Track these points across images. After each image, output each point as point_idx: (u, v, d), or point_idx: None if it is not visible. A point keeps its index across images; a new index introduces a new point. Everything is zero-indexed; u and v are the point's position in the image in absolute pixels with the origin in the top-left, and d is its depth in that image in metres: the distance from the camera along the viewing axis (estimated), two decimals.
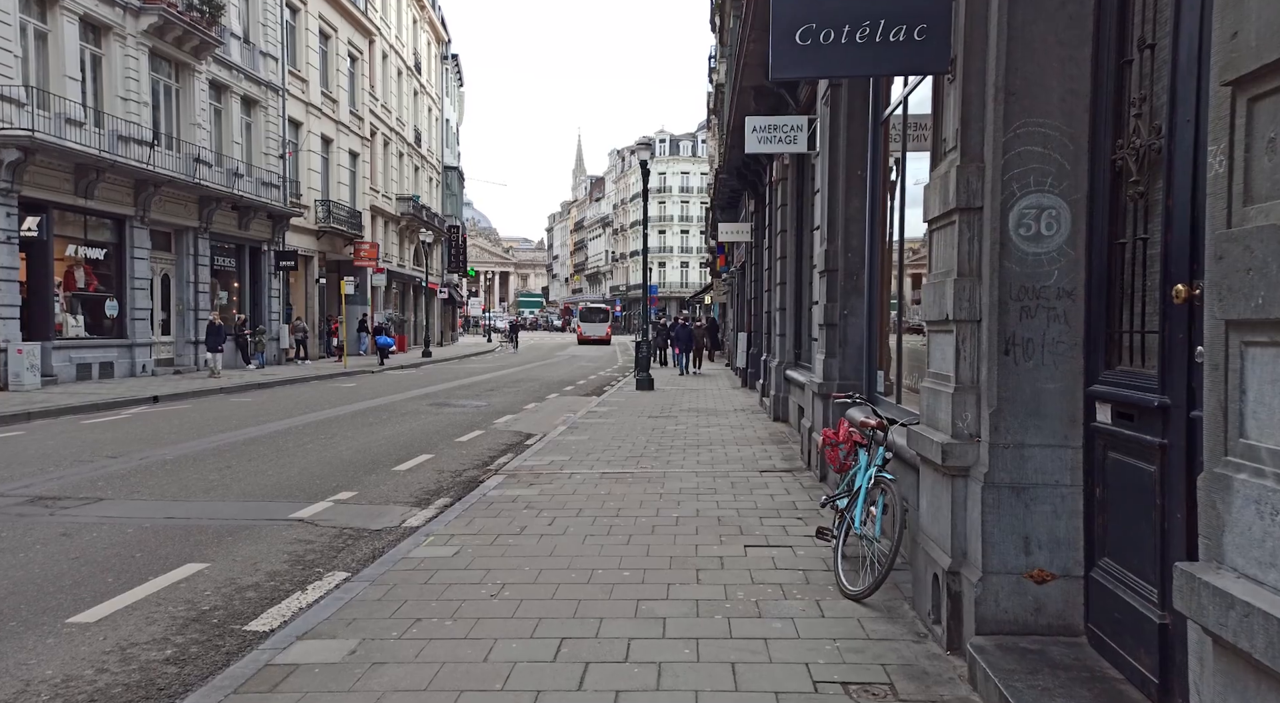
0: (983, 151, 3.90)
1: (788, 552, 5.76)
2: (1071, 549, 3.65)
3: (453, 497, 8.18)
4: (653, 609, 4.60)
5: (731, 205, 25.78)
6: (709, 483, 8.32)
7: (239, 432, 12.49)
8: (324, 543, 6.43)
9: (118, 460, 9.83)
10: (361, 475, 9.22)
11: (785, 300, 13.18)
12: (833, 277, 8.25)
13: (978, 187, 3.89)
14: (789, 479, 8.52)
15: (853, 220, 8.12)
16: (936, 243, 4.33)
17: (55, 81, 19.10)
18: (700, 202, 79.69)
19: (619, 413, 14.67)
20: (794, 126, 9.49)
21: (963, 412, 3.93)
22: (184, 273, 24.41)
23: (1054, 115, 3.67)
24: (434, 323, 48.79)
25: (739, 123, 15.10)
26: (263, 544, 6.36)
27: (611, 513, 6.97)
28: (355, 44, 36.03)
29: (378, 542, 6.50)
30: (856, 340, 8.13)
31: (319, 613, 4.59)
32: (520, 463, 9.50)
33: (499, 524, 6.59)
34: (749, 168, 18.06)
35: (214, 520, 7.04)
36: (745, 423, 13.44)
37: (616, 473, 8.83)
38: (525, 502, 7.42)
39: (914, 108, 6.30)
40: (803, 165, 12.57)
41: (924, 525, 4.40)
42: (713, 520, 6.71)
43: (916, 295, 6.35)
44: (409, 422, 14.04)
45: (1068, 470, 3.67)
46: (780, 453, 10.29)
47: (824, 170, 8.53)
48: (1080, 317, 3.67)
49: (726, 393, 19.13)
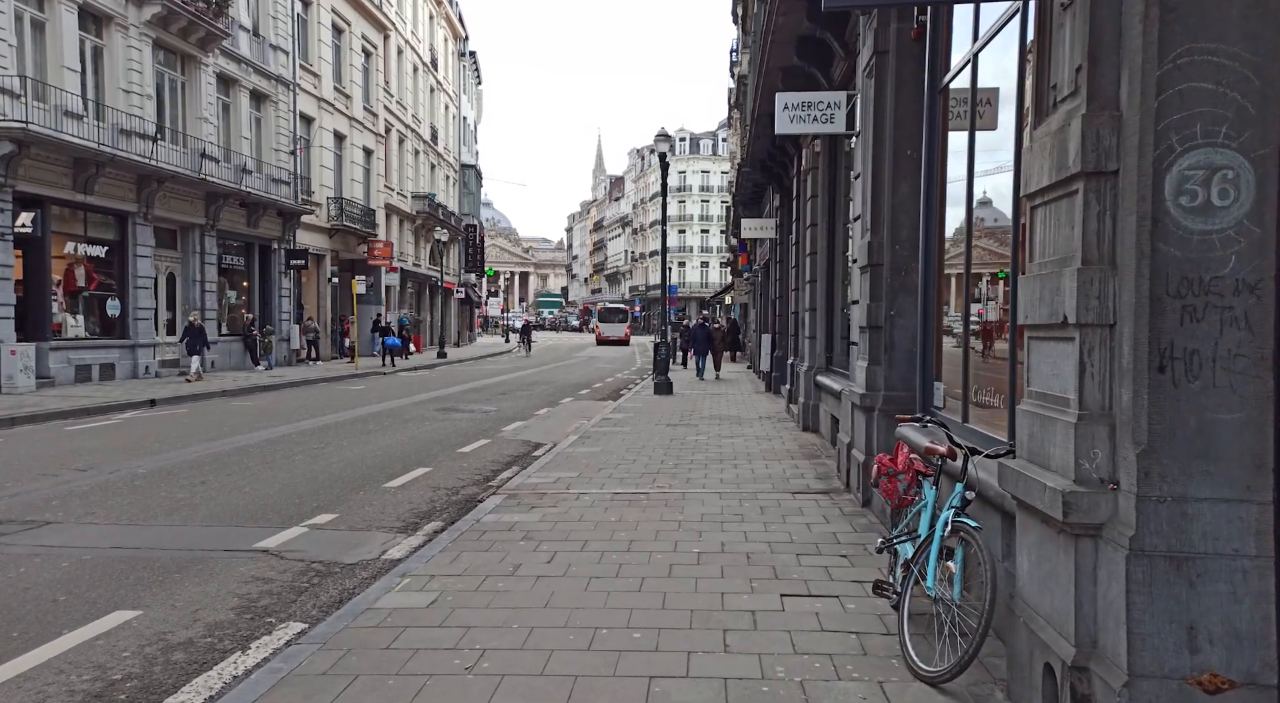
0: (1119, 94, 2.86)
1: (834, 605, 4.73)
2: (1258, 646, 2.60)
3: (445, 520, 7.22)
4: (669, 695, 3.59)
5: (755, 201, 24.73)
6: (734, 507, 7.30)
7: (228, 440, 11.64)
8: (285, 583, 5.48)
9: (85, 475, 8.97)
10: (348, 493, 8.29)
11: (816, 300, 12.12)
12: (877, 272, 7.21)
13: (1111, 143, 2.85)
14: (826, 503, 7.49)
15: (901, 208, 7.07)
16: (1042, 222, 3.29)
17: (53, 72, 18.41)
18: (721, 201, 78.61)
19: (635, 420, 13.68)
20: (831, 104, 8.44)
21: (1090, 448, 2.90)
22: (190, 272, 23.71)
23: (1232, 38, 2.64)
24: (450, 323, 48.07)
25: (764, 111, 14.06)
26: (213, 584, 5.42)
27: (622, 546, 5.97)
28: (369, 39, 35.30)
29: (348, 581, 5.55)
30: (906, 345, 7.09)
31: (245, 693, 3.63)
32: (523, 480, 8.53)
33: (489, 561, 5.61)
34: (774, 160, 17.00)
35: (165, 551, 6.12)
36: (772, 433, 12.39)
37: (630, 494, 7.83)
38: (523, 531, 6.44)
39: (984, 78, 5.26)
40: (835, 152, 11.52)
41: (1026, 593, 3.37)
42: (740, 558, 5.69)
43: (975, 293, 5.32)
44: (411, 429, 13.13)
45: (1251, 536, 2.63)
46: (813, 469, 9.24)
47: (866, 152, 7.49)
48: (1270, 320, 2.63)
49: (750, 398, 18.08)
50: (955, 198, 6.11)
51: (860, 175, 7.77)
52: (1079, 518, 2.86)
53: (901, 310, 7.09)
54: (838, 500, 7.60)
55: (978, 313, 5.62)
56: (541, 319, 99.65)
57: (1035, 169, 3.29)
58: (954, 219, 6.18)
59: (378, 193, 36.27)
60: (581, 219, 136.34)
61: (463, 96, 52.86)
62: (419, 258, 42.68)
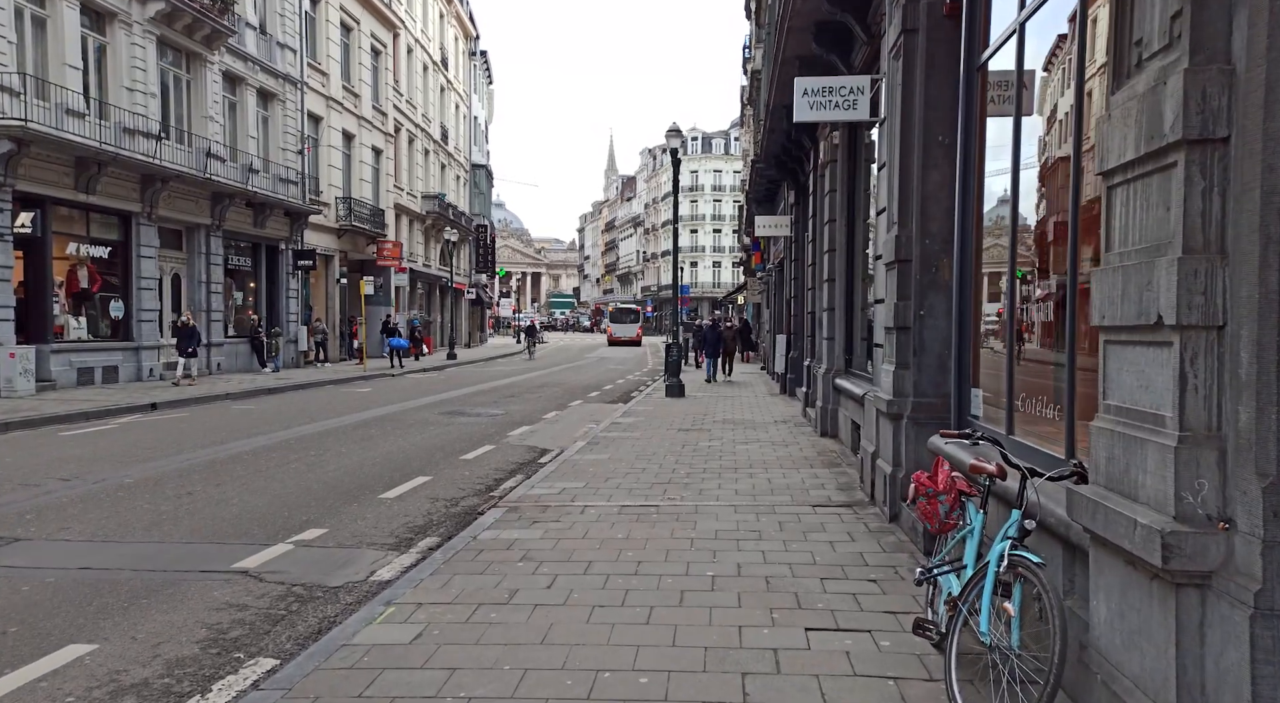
0: (1230, 45, 2.33)
1: (866, 642, 4.20)
2: None
3: (441, 536, 6.75)
4: None
5: (769, 199, 24.17)
6: (751, 522, 6.78)
7: (223, 447, 11.21)
8: (260, 610, 5.01)
9: (68, 485, 8.56)
10: (341, 505, 7.83)
11: (834, 299, 11.57)
12: (904, 268, 6.67)
13: (1221, 103, 2.32)
14: (850, 518, 6.95)
15: (932, 199, 6.53)
16: (1124, 204, 2.76)
17: (55, 70, 18.09)
18: (733, 200, 77.95)
19: (646, 425, 13.17)
20: (854, 89, 7.89)
21: (1192, 478, 2.37)
22: (195, 272, 23.39)
23: None
24: (462, 324, 47.72)
25: (780, 102, 13.52)
26: (182, 611, 4.96)
27: (629, 569, 5.46)
28: (378, 37, 34.95)
29: (329, 608, 5.07)
30: (937, 347, 6.55)
31: None
32: (527, 491, 8.04)
33: (483, 586, 5.12)
34: (789, 155, 16.44)
35: (136, 573, 5.67)
36: (788, 438, 11.85)
37: (638, 507, 7.33)
38: (523, 550, 5.94)
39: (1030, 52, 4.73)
40: (855, 144, 10.97)
41: (1105, 647, 2.84)
42: (759, 583, 5.18)
43: (1023, 291, 4.75)
44: (414, 434, 12.67)
45: None
46: (834, 479, 8.71)
47: (893, 140, 6.95)
48: None
49: (764, 401, 17.53)
50: (995, 186, 5.58)
51: (885, 165, 7.24)
52: (1182, 565, 2.34)
53: (932, 309, 6.55)
54: (862, 514, 7.06)
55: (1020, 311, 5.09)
56: (553, 320, 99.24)
57: (1115, 141, 2.76)
58: (992, 210, 5.65)
59: (387, 193, 35.92)
60: (593, 219, 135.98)
61: (473, 96, 52.53)
62: (429, 258, 42.34)
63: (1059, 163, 4.40)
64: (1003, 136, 5.24)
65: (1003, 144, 5.21)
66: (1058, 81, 4.51)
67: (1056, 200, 4.41)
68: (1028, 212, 4.94)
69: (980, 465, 3.82)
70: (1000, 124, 5.50)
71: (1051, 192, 4.56)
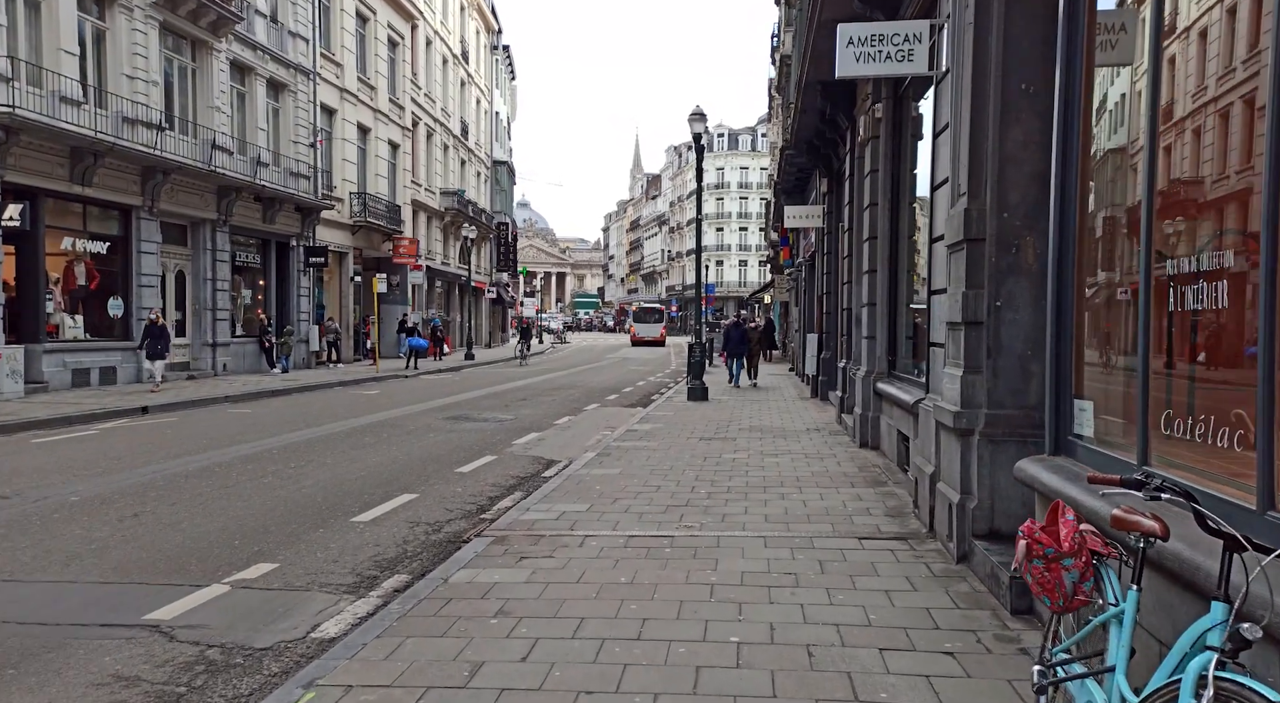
0: None
1: None
2: None
3: (411, 573, 5.62)
4: None
5: (798, 189, 22.84)
6: (785, 561, 5.55)
7: (199, 457, 10.18)
8: (153, 689, 3.87)
9: (4, 504, 7.54)
10: (305, 531, 6.72)
11: (875, 293, 10.29)
12: (975, 250, 5.41)
13: None
14: (906, 556, 5.69)
15: (1011, 162, 5.27)
16: None
17: (49, 56, 17.25)
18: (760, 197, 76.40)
19: (665, 433, 11.95)
20: (909, 36, 6.59)
21: None
22: (201, 269, 22.54)
23: None
24: (481, 324, 46.79)
25: (813, 79, 12.24)
26: (54, 687, 3.84)
27: (630, 632, 4.26)
28: (396, 28, 34.06)
29: (242, 684, 3.92)
30: (1017, 347, 5.29)
31: None
32: (520, 515, 6.88)
33: (439, 656, 3.95)
34: (822, 137, 15.14)
35: (24, 627, 4.57)
36: (823, 449, 10.58)
37: (649, 538, 6.12)
38: (501, 598, 4.77)
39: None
40: (901, 117, 9.68)
41: None
42: (799, 655, 3.95)
43: (1104, 278, 3.43)
44: (411, 443, 11.57)
45: None
46: (881, 502, 7.44)
47: (959, 93, 5.69)
48: None
49: (794, 406, 16.24)
50: (1104, 140, 4.31)
51: (949, 127, 5.97)
52: None
53: (1011, 300, 5.29)
54: (921, 551, 5.80)
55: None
56: (577, 320, 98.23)
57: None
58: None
59: (404, 188, 35.01)
60: (618, 219, 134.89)
61: (495, 91, 51.59)
62: (448, 256, 41.42)
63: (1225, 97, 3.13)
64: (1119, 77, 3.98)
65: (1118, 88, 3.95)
66: None
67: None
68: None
69: (1131, 519, 2.57)
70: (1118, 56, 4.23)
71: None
